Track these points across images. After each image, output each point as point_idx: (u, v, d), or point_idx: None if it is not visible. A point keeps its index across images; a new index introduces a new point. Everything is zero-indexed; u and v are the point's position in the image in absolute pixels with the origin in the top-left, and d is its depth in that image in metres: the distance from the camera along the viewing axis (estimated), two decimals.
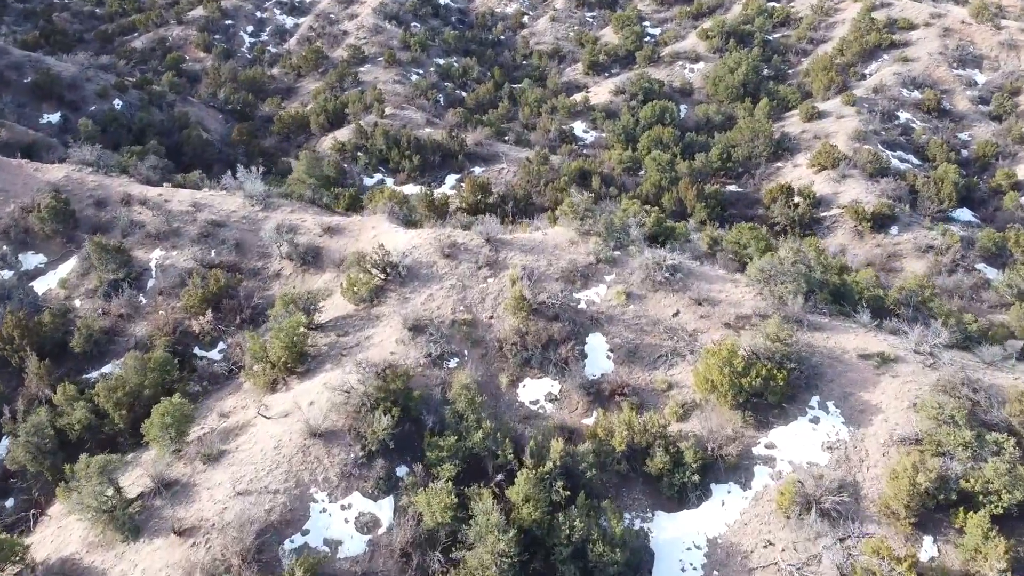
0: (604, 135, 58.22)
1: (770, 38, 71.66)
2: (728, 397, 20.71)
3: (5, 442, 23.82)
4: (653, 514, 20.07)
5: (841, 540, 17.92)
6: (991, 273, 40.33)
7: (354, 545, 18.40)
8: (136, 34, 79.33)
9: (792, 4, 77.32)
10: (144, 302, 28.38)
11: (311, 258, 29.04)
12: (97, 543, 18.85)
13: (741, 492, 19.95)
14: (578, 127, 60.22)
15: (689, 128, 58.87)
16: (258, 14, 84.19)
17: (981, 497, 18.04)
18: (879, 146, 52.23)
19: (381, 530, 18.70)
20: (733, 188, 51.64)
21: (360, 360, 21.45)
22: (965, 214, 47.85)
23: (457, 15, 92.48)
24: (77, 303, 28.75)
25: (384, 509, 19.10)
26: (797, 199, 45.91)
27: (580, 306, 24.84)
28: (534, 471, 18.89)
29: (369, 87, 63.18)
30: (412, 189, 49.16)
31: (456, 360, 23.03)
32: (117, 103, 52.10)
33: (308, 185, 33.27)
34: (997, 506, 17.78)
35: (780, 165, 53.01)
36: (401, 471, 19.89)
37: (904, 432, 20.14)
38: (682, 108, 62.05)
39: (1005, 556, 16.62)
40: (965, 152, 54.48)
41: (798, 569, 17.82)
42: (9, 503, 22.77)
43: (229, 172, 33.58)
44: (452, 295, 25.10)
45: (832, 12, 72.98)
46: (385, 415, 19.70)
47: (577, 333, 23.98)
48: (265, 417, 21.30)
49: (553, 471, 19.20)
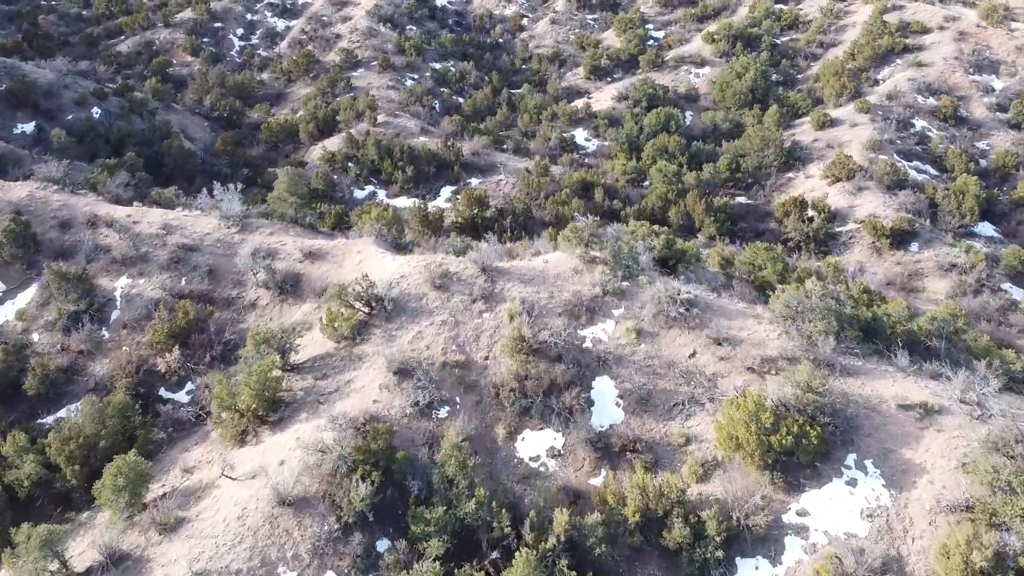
0: (607, 143, 55.71)
1: (778, 41, 69.10)
2: (755, 457, 18.26)
3: None
4: None
5: None
6: (1017, 294, 38.04)
7: None
8: (123, 37, 76.75)
9: (800, 6, 74.75)
10: (107, 336, 25.93)
11: (290, 286, 26.55)
12: None
13: (771, 568, 17.49)
14: (579, 135, 57.73)
15: (695, 136, 56.40)
16: (248, 16, 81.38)
17: None
18: (895, 156, 49.76)
19: None
20: (742, 200, 49.20)
21: (336, 415, 18.96)
22: (987, 229, 45.41)
23: (454, 17, 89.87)
24: (35, 337, 26.32)
25: None
26: (811, 213, 43.54)
27: (585, 345, 22.38)
28: (535, 548, 16.44)
29: (362, 93, 60.62)
30: (405, 202, 46.73)
31: (447, 409, 20.57)
32: (96, 111, 49.51)
33: (290, 203, 30.74)
34: None
35: (791, 175, 50.56)
36: (382, 545, 17.43)
37: (953, 498, 17.67)
38: (687, 115, 59.56)
39: None
40: (983, 162, 51.97)
41: None
42: None
43: (205, 190, 31.06)
44: (443, 332, 22.64)
45: (842, 15, 70.40)
46: (364, 480, 17.28)
47: (582, 376, 21.52)
48: (230, 478, 18.85)
49: (556, 547, 16.74)
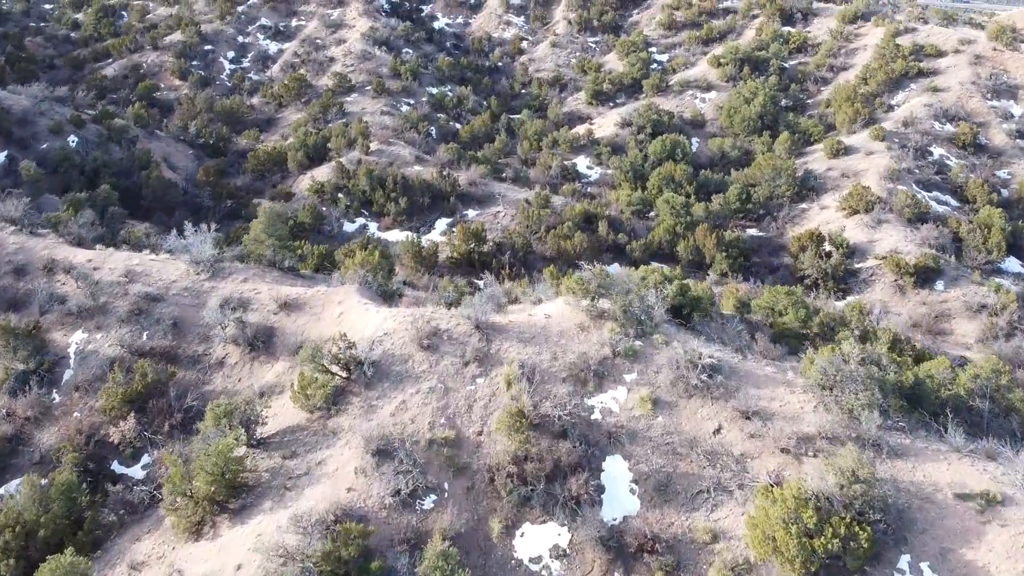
0: (610, 172, 53.11)
1: (786, 65, 66.70)
2: (796, 564, 15.44)
3: None
4: None
5: None
6: None
7: None
8: (109, 60, 74.44)
9: (808, 29, 72.46)
10: (57, 400, 23.14)
11: (261, 343, 23.77)
12: None
13: None
14: (581, 163, 55.17)
15: (702, 164, 53.84)
16: (240, 39, 79.05)
17: None
18: (914, 186, 47.20)
19: None
20: (754, 232, 46.59)
21: (302, 513, 16.15)
22: (1014, 264, 42.68)
23: (452, 40, 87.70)
24: None
25: None
26: (828, 248, 40.94)
27: (594, 416, 19.62)
28: None
29: (355, 119, 58.13)
30: (398, 235, 44.12)
31: (433, 497, 17.77)
32: (72, 140, 46.94)
33: (268, 245, 28.09)
34: None
35: (805, 207, 47.97)
36: None
37: None
38: (694, 142, 57.01)
39: None
40: (1005, 192, 49.37)
41: None
42: None
43: (175, 231, 28.42)
44: (431, 402, 19.88)
45: (852, 37, 68.10)
46: None
47: (591, 456, 18.73)
48: None
49: None
